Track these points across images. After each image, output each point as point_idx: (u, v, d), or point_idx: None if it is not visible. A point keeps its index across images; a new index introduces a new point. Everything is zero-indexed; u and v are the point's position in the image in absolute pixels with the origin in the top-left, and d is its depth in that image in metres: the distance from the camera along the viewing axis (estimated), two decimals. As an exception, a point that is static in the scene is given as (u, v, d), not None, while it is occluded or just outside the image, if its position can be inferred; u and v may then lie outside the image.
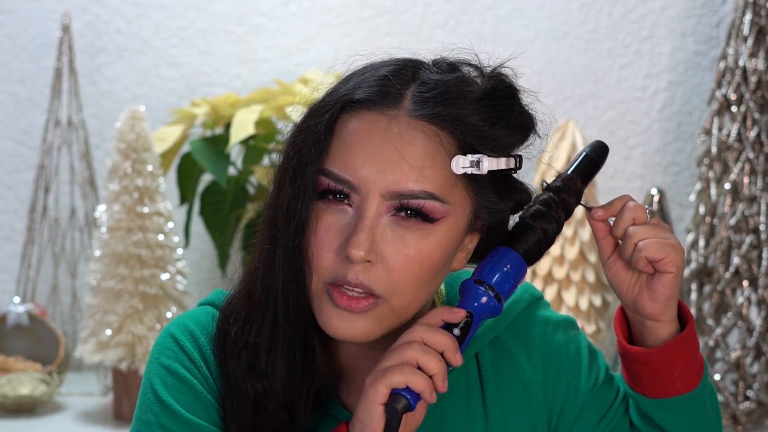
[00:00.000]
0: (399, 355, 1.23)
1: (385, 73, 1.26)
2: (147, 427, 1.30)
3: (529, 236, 1.30)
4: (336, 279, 1.24)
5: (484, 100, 1.26)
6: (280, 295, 1.27)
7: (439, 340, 1.24)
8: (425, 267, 1.25)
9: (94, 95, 2.88)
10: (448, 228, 1.25)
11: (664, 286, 1.29)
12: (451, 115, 1.24)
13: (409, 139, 1.23)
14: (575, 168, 1.34)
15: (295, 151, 1.27)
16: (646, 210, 1.30)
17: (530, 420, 1.36)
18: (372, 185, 1.23)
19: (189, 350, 1.32)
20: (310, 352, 1.29)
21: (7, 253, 2.88)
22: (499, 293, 1.28)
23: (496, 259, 1.29)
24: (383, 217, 1.24)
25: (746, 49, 2.64)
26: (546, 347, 1.38)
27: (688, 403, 1.34)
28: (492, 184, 1.27)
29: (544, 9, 2.93)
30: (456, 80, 1.27)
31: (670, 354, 1.31)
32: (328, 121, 1.25)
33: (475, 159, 1.24)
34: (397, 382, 1.22)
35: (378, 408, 1.22)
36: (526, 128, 1.30)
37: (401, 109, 1.24)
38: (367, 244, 1.23)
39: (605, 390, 1.39)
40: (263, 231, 1.30)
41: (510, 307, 1.38)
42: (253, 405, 1.29)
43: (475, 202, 1.27)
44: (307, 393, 1.29)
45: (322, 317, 1.26)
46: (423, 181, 1.23)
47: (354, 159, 1.24)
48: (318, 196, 1.25)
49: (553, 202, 1.32)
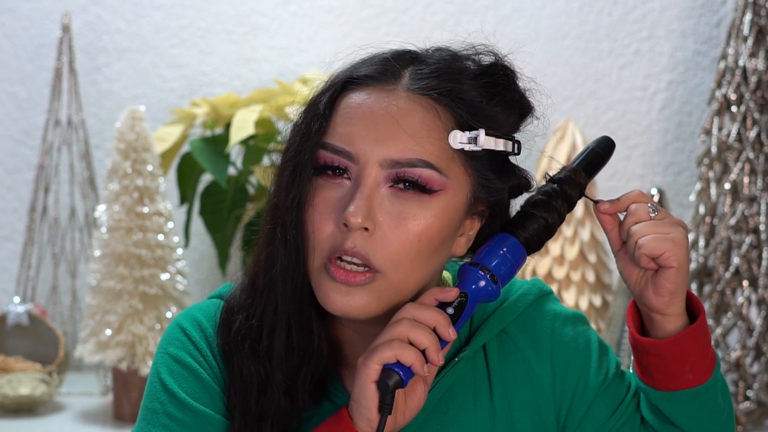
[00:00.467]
0: (389, 333, 1.25)
1: (386, 56, 1.30)
2: (153, 416, 1.32)
3: (529, 224, 1.32)
4: (334, 249, 1.26)
5: (480, 76, 1.29)
6: (279, 273, 1.29)
7: (428, 316, 1.25)
8: (423, 240, 1.26)
9: (94, 95, 2.88)
10: (447, 203, 1.27)
11: (667, 280, 1.29)
12: (447, 89, 1.27)
13: (407, 110, 1.26)
14: (580, 161, 1.36)
15: (297, 130, 1.30)
16: (648, 208, 1.30)
17: (537, 414, 1.37)
18: (370, 154, 1.26)
19: (196, 340, 1.34)
20: (308, 335, 1.30)
21: (7, 253, 2.88)
22: (494, 274, 1.29)
23: (493, 243, 1.31)
24: (381, 187, 1.26)
25: (746, 49, 2.64)
26: (554, 342, 1.38)
27: (698, 397, 1.34)
28: (490, 162, 1.29)
29: (544, 9, 2.93)
30: (453, 58, 1.30)
31: (680, 346, 1.31)
32: (329, 98, 1.29)
33: (473, 135, 1.27)
34: (386, 358, 1.23)
35: (371, 386, 1.24)
36: (523, 108, 1.32)
37: (399, 85, 1.28)
38: (364, 210, 1.24)
39: (615, 385, 1.39)
40: (266, 215, 1.32)
41: (518, 300, 1.39)
42: (256, 392, 1.30)
43: (473, 180, 1.29)
44: (306, 377, 1.30)
45: (321, 292, 1.28)
46: (421, 150, 1.26)
47: (352, 130, 1.27)
48: (317, 172, 1.28)
49: (554, 192, 1.33)
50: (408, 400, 1.27)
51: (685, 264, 1.29)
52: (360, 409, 1.24)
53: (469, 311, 1.28)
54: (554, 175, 1.35)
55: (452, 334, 1.26)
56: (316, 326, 1.31)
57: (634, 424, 1.39)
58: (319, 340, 1.31)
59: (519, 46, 1.35)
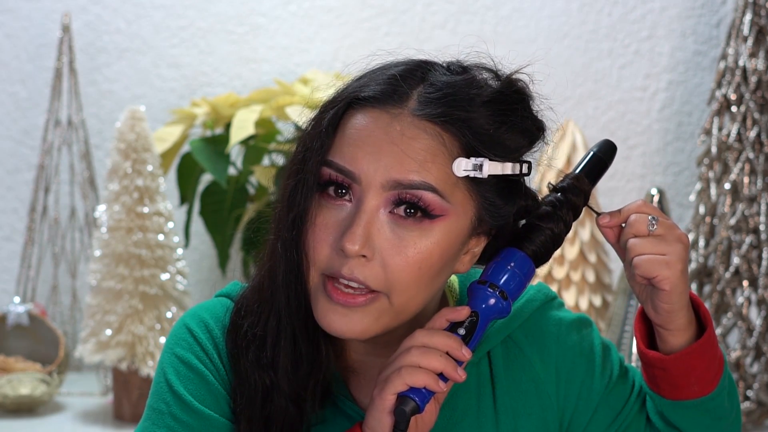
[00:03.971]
0: (399, 361, 1.23)
1: (395, 73, 1.27)
2: (158, 416, 1.31)
3: (536, 237, 1.30)
4: (332, 271, 1.24)
5: (490, 103, 1.26)
6: (281, 288, 1.28)
7: (438, 341, 1.23)
8: (424, 268, 1.24)
9: (94, 95, 2.88)
10: (449, 229, 1.25)
11: (662, 301, 1.28)
12: (454, 116, 1.24)
13: (412, 136, 1.23)
14: (583, 167, 1.34)
15: (302, 145, 1.28)
16: (648, 221, 1.28)
17: (541, 420, 1.36)
18: (373, 175, 1.23)
19: (203, 341, 1.33)
20: (315, 346, 1.29)
21: (7, 253, 2.88)
22: (504, 291, 1.27)
23: (501, 259, 1.29)
24: (381, 213, 1.24)
25: (746, 49, 2.64)
26: (559, 347, 1.37)
27: (703, 405, 1.33)
28: (496, 187, 1.26)
29: (544, 9, 2.93)
30: (464, 83, 1.26)
31: (684, 362, 1.30)
32: (333, 116, 1.26)
33: (478, 162, 1.24)
34: (398, 386, 1.22)
35: (386, 417, 1.22)
36: (533, 134, 1.29)
37: (405, 108, 1.25)
38: (362, 238, 1.22)
39: (619, 387, 1.38)
40: (271, 224, 1.31)
41: (523, 306, 1.37)
42: (261, 398, 1.30)
43: (478, 204, 1.26)
44: (314, 387, 1.29)
45: (318, 312, 1.26)
46: (424, 173, 1.23)
47: (356, 151, 1.24)
48: (319, 188, 1.26)
49: (559, 202, 1.31)
50: (420, 422, 1.25)
51: (680, 286, 1.27)
52: None
53: (481, 330, 1.26)
54: (557, 183, 1.33)
55: (467, 354, 1.24)
56: (322, 337, 1.29)
57: (639, 425, 1.38)
58: (326, 351, 1.30)
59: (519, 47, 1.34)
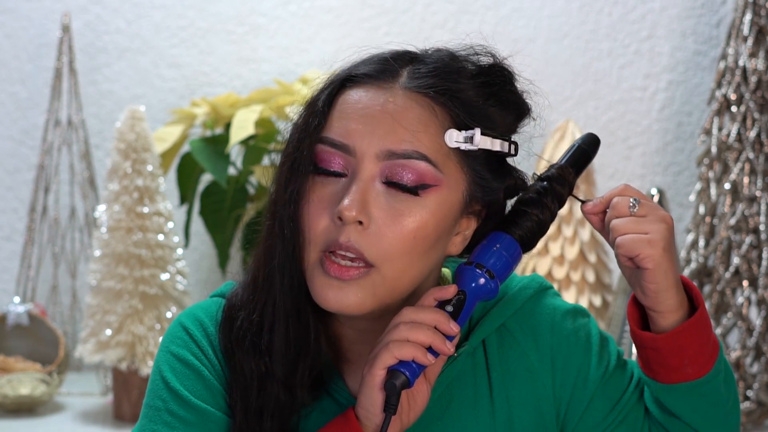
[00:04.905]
0: (387, 337, 1.26)
1: (386, 56, 1.32)
2: (155, 413, 1.32)
3: (522, 222, 1.32)
4: (329, 244, 1.27)
5: (478, 76, 1.31)
6: (277, 268, 1.30)
7: (426, 316, 1.26)
8: (419, 237, 1.27)
9: (94, 95, 2.88)
10: (442, 200, 1.28)
11: (647, 281, 1.29)
12: (444, 87, 1.28)
13: (404, 107, 1.28)
14: (567, 158, 1.37)
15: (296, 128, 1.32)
16: (629, 202, 1.30)
17: (536, 409, 1.37)
18: (367, 147, 1.27)
19: (198, 338, 1.35)
20: (305, 328, 1.31)
21: (7, 253, 2.88)
22: (490, 270, 1.29)
23: (487, 241, 1.32)
24: (377, 183, 1.27)
25: (746, 49, 2.64)
26: (554, 336, 1.38)
27: (699, 389, 1.33)
28: (486, 162, 1.30)
29: (544, 9, 2.93)
30: (452, 58, 1.32)
31: (676, 341, 1.31)
32: (327, 95, 1.31)
33: (469, 134, 1.28)
34: (387, 360, 1.24)
35: (377, 393, 1.25)
36: (520, 109, 1.33)
37: (397, 83, 1.30)
38: (359, 204, 1.26)
39: (617, 377, 1.39)
40: (266, 210, 1.33)
41: (517, 294, 1.39)
42: (256, 387, 1.31)
43: (469, 178, 1.30)
44: (304, 372, 1.31)
45: (315, 288, 1.29)
46: (417, 143, 1.27)
47: (349, 124, 1.28)
48: (315, 170, 1.29)
49: (545, 190, 1.34)
50: (411, 401, 1.27)
51: (664, 264, 1.28)
52: (368, 414, 1.25)
53: (468, 309, 1.29)
54: (543, 173, 1.36)
55: (454, 328, 1.26)
56: (312, 321, 1.31)
57: (637, 416, 1.39)
58: (316, 334, 1.32)
59: (519, 47, 1.36)
